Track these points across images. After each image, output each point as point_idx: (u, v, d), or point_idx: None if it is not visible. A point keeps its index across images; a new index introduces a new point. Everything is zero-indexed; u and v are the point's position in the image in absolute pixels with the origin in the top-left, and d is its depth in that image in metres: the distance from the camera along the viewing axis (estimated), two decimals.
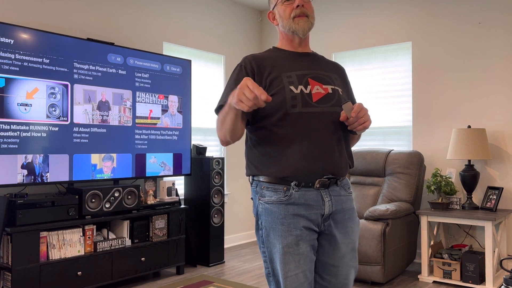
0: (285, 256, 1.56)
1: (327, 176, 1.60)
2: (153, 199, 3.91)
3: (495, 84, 4.00)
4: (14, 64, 3.10)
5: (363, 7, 4.80)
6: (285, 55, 1.72)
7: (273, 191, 1.61)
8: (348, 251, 1.67)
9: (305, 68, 1.68)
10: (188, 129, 4.24)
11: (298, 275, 1.56)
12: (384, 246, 3.53)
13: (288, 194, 1.59)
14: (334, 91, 1.67)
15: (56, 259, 3.16)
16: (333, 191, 1.64)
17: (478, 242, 4.01)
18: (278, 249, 1.58)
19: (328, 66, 1.78)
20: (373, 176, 4.28)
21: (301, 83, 1.63)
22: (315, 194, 1.60)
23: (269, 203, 1.61)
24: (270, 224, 1.60)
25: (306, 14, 1.69)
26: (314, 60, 1.76)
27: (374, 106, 4.72)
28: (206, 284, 3.69)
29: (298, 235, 1.57)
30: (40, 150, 3.22)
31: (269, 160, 1.61)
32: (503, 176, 3.94)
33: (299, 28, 1.69)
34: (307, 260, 1.58)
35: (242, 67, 1.67)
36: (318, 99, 1.62)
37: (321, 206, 1.60)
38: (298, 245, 1.57)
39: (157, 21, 4.43)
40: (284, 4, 1.70)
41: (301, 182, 1.59)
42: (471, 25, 4.13)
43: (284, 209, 1.58)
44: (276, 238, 1.58)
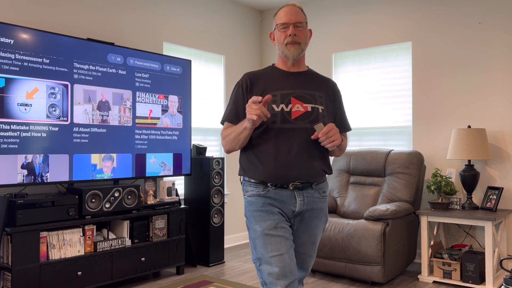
0: (265, 238, 1.83)
1: (300, 181, 1.88)
2: (153, 199, 3.91)
3: (495, 84, 4.00)
4: (14, 64, 3.10)
5: (363, 7, 4.80)
6: (278, 74, 1.99)
7: (255, 187, 1.92)
8: (309, 242, 1.97)
9: (292, 88, 1.94)
10: (188, 129, 4.24)
11: (283, 256, 1.80)
12: (384, 246, 3.53)
13: (266, 190, 1.89)
14: (314, 109, 1.92)
15: (56, 259, 3.16)
16: (307, 193, 1.92)
17: (478, 242, 4.01)
18: (259, 232, 1.85)
19: (316, 84, 2.01)
20: (373, 176, 4.28)
21: (283, 102, 1.90)
22: (289, 193, 1.88)
23: (250, 196, 1.93)
24: (251, 213, 1.91)
25: (298, 41, 1.95)
26: (304, 79, 2.00)
27: (374, 106, 4.72)
28: (206, 284, 3.69)
29: (276, 219, 1.85)
30: (40, 150, 3.22)
31: (251, 165, 1.92)
32: (503, 176, 3.94)
33: (289, 54, 1.96)
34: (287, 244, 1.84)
35: (239, 85, 1.98)
36: (296, 116, 1.89)
37: (293, 204, 1.89)
38: (277, 228, 1.84)
39: (157, 21, 4.43)
40: (280, 31, 1.96)
41: (277, 184, 1.88)
42: (471, 25, 4.13)
43: (262, 200, 1.89)
44: (257, 223, 1.87)
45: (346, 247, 3.64)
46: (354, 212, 4.16)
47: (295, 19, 1.95)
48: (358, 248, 3.58)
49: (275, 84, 1.94)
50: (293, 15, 1.96)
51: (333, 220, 3.84)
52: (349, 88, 4.91)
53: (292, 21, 1.95)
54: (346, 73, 4.94)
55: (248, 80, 1.96)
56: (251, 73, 2.00)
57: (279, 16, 1.98)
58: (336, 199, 4.36)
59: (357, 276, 3.65)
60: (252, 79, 1.96)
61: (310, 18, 5.23)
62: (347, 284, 3.73)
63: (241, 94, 1.96)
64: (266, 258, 1.81)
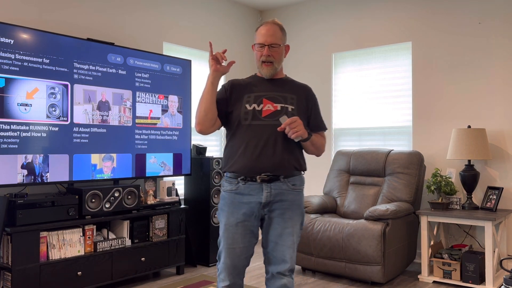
0: (225, 232, 2.10)
1: (266, 174, 2.07)
2: (153, 199, 3.91)
3: (495, 84, 4.00)
4: (14, 64, 3.10)
5: (363, 7, 4.80)
6: (257, 81, 2.22)
7: (229, 183, 2.14)
8: (286, 233, 2.10)
9: (265, 91, 2.17)
10: (188, 129, 4.24)
11: (235, 250, 2.09)
12: (384, 246, 3.53)
13: (237, 186, 2.10)
14: (283, 108, 2.13)
15: (56, 259, 3.16)
16: (275, 185, 2.09)
17: (478, 242, 4.01)
18: (222, 226, 2.13)
19: (290, 88, 2.22)
20: (373, 176, 4.28)
21: (256, 102, 2.13)
22: (257, 186, 2.08)
23: (225, 191, 2.16)
24: (222, 206, 2.16)
25: (271, 61, 2.15)
26: (280, 84, 2.21)
27: (374, 106, 4.72)
28: (206, 284, 3.69)
29: (238, 218, 2.09)
30: (40, 150, 3.22)
31: (228, 159, 2.15)
32: (503, 176, 3.94)
33: (264, 73, 2.19)
34: (244, 239, 2.09)
35: (223, 86, 2.24)
36: (266, 114, 2.11)
37: (260, 196, 2.08)
38: (237, 226, 2.09)
39: (157, 21, 4.43)
40: (257, 49, 2.18)
41: (246, 177, 2.09)
42: (471, 25, 4.13)
43: (232, 197, 2.11)
44: (223, 217, 2.13)
45: (346, 247, 3.64)
46: (354, 212, 4.16)
47: (270, 41, 2.13)
48: (358, 248, 3.58)
49: (252, 88, 2.18)
50: (270, 36, 2.13)
51: (333, 220, 3.84)
52: (349, 88, 4.91)
53: (268, 42, 2.13)
54: (346, 73, 4.94)
55: (230, 84, 2.22)
56: (235, 80, 2.25)
57: (259, 35, 2.17)
58: (336, 199, 4.36)
59: (357, 276, 3.65)
60: (233, 84, 2.22)
61: (310, 18, 5.23)
62: (347, 284, 3.73)
63: (222, 92, 2.20)
64: (224, 248, 2.12)
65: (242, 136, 2.10)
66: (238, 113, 2.12)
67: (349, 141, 4.90)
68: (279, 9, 5.51)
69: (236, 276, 2.12)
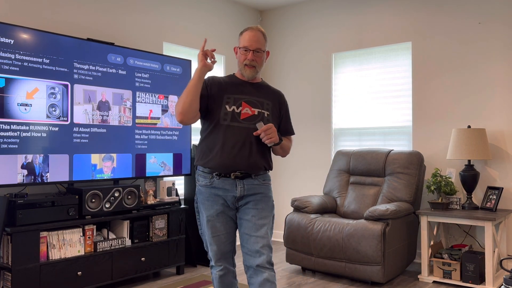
0: (208, 223, 2.28)
1: (240, 172, 2.23)
2: (153, 199, 3.91)
3: (495, 84, 4.00)
4: (14, 64, 3.10)
5: (363, 7, 4.80)
6: (235, 82, 2.36)
7: (204, 177, 2.29)
8: (259, 224, 2.25)
9: (244, 94, 2.31)
10: (188, 129, 4.24)
11: (220, 236, 2.28)
12: (384, 246, 3.53)
13: (212, 181, 2.26)
14: (260, 113, 2.29)
15: (56, 259, 3.16)
16: (247, 181, 2.26)
17: (478, 242, 4.01)
18: (205, 217, 2.29)
19: (266, 94, 2.38)
20: (373, 176, 4.28)
21: (235, 104, 2.27)
22: (231, 182, 2.25)
23: (201, 186, 2.31)
24: (201, 200, 2.31)
25: (254, 65, 2.31)
26: (257, 88, 2.36)
27: (374, 106, 4.72)
28: (206, 284, 3.69)
29: (218, 209, 2.27)
30: (40, 150, 3.22)
31: (203, 155, 2.28)
32: (503, 176, 3.94)
33: (246, 75, 2.33)
34: (226, 226, 2.29)
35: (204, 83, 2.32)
36: (245, 117, 2.26)
37: (234, 190, 2.25)
38: (218, 216, 2.27)
39: (157, 21, 4.43)
40: (241, 52, 2.31)
41: (221, 173, 2.24)
42: (471, 25, 4.13)
43: (209, 191, 2.28)
44: (204, 210, 2.29)
45: (346, 247, 3.64)
46: (354, 212, 4.16)
47: (255, 46, 2.28)
48: (358, 248, 3.58)
49: (231, 89, 2.31)
50: (255, 42, 2.28)
51: (333, 220, 3.84)
52: (349, 88, 4.91)
53: (253, 47, 2.28)
54: (346, 73, 4.94)
55: (210, 81, 2.33)
56: (214, 77, 2.37)
57: (243, 39, 2.30)
58: (336, 199, 4.36)
59: (357, 276, 3.66)
60: (212, 82, 2.33)
61: (310, 18, 5.23)
62: (347, 284, 3.73)
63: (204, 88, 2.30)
64: (209, 238, 2.29)
65: (219, 135, 2.23)
66: (217, 112, 2.25)
67: (349, 141, 4.90)
68: (279, 9, 5.51)
69: (225, 261, 2.31)
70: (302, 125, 5.25)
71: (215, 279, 2.33)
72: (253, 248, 2.23)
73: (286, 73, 5.42)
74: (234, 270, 2.36)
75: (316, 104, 5.15)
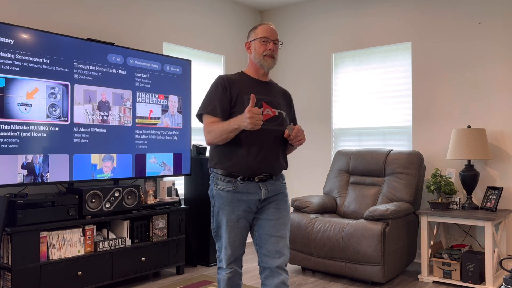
0: (227, 228, 2.23)
1: (264, 174, 2.22)
2: (153, 199, 3.91)
3: (495, 84, 4.00)
4: (14, 64, 3.10)
5: (363, 7, 4.80)
6: (250, 81, 2.30)
7: (225, 182, 2.22)
8: (280, 223, 2.25)
9: (262, 94, 2.26)
10: (188, 129, 4.24)
11: (236, 241, 2.24)
12: (384, 246, 3.53)
13: (236, 185, 2.20)
14: (280, 114, 2.27)
15: (56, 259, 3.16)
16: (269, 183, 2.25)
17: (478, 242, 4.01)
18: (224, 223, 2.23)
19: (278, 93, 2.37)
20: (373, 176, 4.28)
21: (256, 105, 2.20)
22: (255, 185, 2.21)
23: (221, 190, 2.23)
24: (220, 205, 2.24)
25: (274, 56, 2.28)
26: (270, 88, 2.34)
27: (374, 106, 4.72)
28: (206, 284, 3.69)
29: (239, 215, 2.22)
30: (40, 150, 3.22)
31: (225, 158, 2.21)
32: (503, 176, 3.94)
33: (266, 65, 2.28)
34: (243, 232, 2.26)
35: (218, 84, 2.24)
36: (267, 119, 2.22)
37: (259, 193, 2.22)
38: (238, 222, 2.22)
39: (157, 21, 4.43)
40: (261, 43, 2.27)
41: (245, 177, 2.20)
42: (471, 25, 4.13)
43: (231, 195, 2.21)
44: (224, 215, 2.23)
45: (346, 247, 3.64)
46: (354, 212, 4.16)
47: (275, 37, 2.30)
48: (358, 248, 3.58)
49: (249, 89, 2.25)
50: (274, 33, 2.30)
51: (333, 220, 3.84)
52: (349, 88, 4.91)
53: (273, 38, 2.29)
54: (346, 73, 4.94)
55: (226, 81, 2.24)
56: (227, 76, 2.28)
57: (261, 30, 2.28)
58: (336, 199, 4.36)
59: (357, 276, 3.66)
60: (229, 81, 2.24)
61: (310, 18, 5.23)
62: (347, 284, 3.73)
63: (221, 91, 2.21)
64: (225, 242, 2.24)
65: (243, 138, 2.17)
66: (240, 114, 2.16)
67: (349, 141, 4.90)
68: (279, 9, 5.51)
69: (236, 263, 2.30)
70: (302, 125, 5.25)
71: (223, 280, 2.29)
72: (273, 249, 2.21)
73: (286, 73, 5.42)
74: (241, 272, 2.35)
75: (316, 104, 5.15)
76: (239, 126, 2.07)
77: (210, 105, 2.21)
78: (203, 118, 2.26)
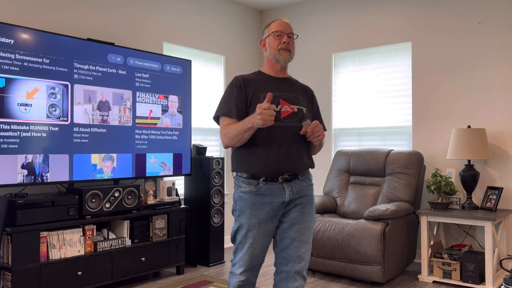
0: (247, 232, 2.11)
1: (288, 174, 2.12)
2: (153, 199, 3.91)
3: (495, 84, 4.00)
4: (14, 64, 3.10)
5: (363, 7, 4.80)
6: (266, 79, 2.23)
7: (247, 184, 2.13)
8: (304, 227, 2.16)
9: (279, 91, 2.19)
10: (188, 129, 4.24)
11: (256, 249, 2.11)
12: (384, 246, 3.53)
13: (258, 187, 2.11)
14: (299, 110, 2.18)
15: (56, 259, 3.16)
16: (295, 183, 2.14)
17: (478, 242, 4.01)
18: (245, 227, 2.12)
19: (298, 89, 2.29)
20: (373, 176, 4.28)
21: (273, 103, 2.12)
22: (278, 186, 2.11)
23: (243, 193, 2.14)
24: (242, 208, 2.14)
25: (289, 49, 2.22)
26: (289, 84, 2.27)
27: (374, 106, 4.72)
28: (206, 284, 3.69)
29: (261, 219, 2.11)
30: (40, 150, 3.22)
31: (245, 159, 2.14)
32: (503, 176, 3.94)
33: (281, 59, 2.22)
34: (265, 240, 2.13)
35: (233, 85, 2.19)
36: (285, 115, 2.14)
37: (283, 195, 2.12)
38: (260, 227, 2.11)
39: (157, 21, 4.43)
40: (275, 37, 2.22)
41: (267, 178, 2.10)
42: (471, 25, 4.13)
43: (253, 198, 2.11)
44: (244, 219, 2.12)
45: (346, 247, 3.64)
46: (354, 212, 4.16)
47: (289, 30, 2.25)
48: (358, 248, 3.58)
49: (265, 87, 2.19)
50: (287, 27, 2.25)
51: (333, 220, 3.84)
52: (349, 88, 4.91)
53: (287, 31, 2.23)
54: (346, 73, 4.94)
55: (241, 81, 2.19)
56: (242, 76, 2.22)
57: (274, 25, 2.24)
58: (336, 199, 4.36)
59: (357, 276, 3.66)
60: (244, 81, 2.19)
61: (310, 18, 5.23)
62: (347, 284, 3.73)
63: (237, 92, 2.16)
64: (243, 247, 2.13)
65: (262, 137, 2.10)
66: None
67: (349, 141, 4.90)
68: (279, 9, 5.51)
69: (252, 273, 2.16)
70: None
71: (232, 285, 2.17)
72: (295, 253, 2.14)
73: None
74: (255, 282, 2.21)
75: None
76: (252, 125, 2.01)
77: (225, 106, 2.16)
78: (219, 120, 2.19)
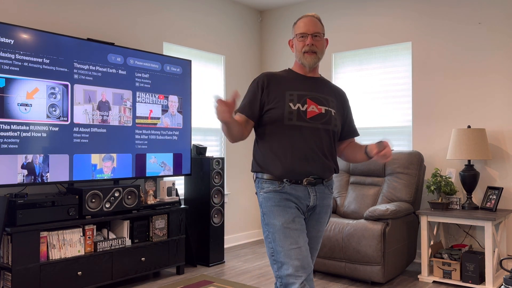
0: (284, 231, 1.91)
1: (313, 176, 2.00)
2: (153, 199, 3.91)
3: (495, 84, 4.00)
4: (14, 64, 3.10)
5: (363, 7, 4.80)
6: (295, 77, 2.11)
7: (270, 184, 2.00)
8: (316, 236, 2.09)
9: (307, 90, 2.07)
10: (188, 129, 4.24)
11: (302, 248, 1.89)
12: (384, 246, 3.53)
13: (282, 186, 1.98)
14: (327, 111, 2.06)
15: (56, 259, 3.16)
16: (319, 188, 2.04)
17: (478, 242, 4.01)
18: (278, 226, 1.93)
19: (329, 90, 2.15)
20: (373, 176, 4.28)
21: (300, 102, 2.02)
22: (303, 189, 1.99)
23: (267, 192, 2.00)
24: (269, 208, 1.98)
25: (315, 51, 2.07)
26: (318, 84, 2.13)
27: (374, 106, 4.72)
28: (206, 284, 3.69)
29: (293, 213, 1.95)
30: (40, 150, 3.22)
31: (268, 160, 2.01)
32: (503, 176, 3.94)
33: (306, 63, 2.08)
34: (304, 237, 1.94)
35: (256, 82, 2.07)
36: (311, 116, 2.02)
37: (307, 199, 2.00)
38: (295, 221, 1.94)
39: (157, 21, 4.43)
40: (299, 40, 2.09)
41: (292, 180, 1.98)
42: (471, 25, 4.13)
43: (279, 195, 1.97)
44: (276, 218, 1.95)
45: (346, 247, 3.64)
46: (354, 212, 4.16)
47: (313, 30, 2.07)
48: (358, 248, 3.58)
49: (292, 85, 2.07)
50: (312, 26, 2.08)
51: (333, 220, 3.84)
52: (349, 88, 4.91)
53: (311, 31, 2.07)
54: (346, 73, 4.95)
55: (265, 78, 2.07)
56: (269, 73, 2.11)
57: (298, 26, 2.10)
58: (336, 199, 4.36)
59: (357, 276, 3.66)
60: (269, 78, 2.07)
61: None
62: (347, 284, 3.73)
63: (255, 89, 2.05)
64: (286, 251, 1.89)
65: (286, 137, 1.99)
66: (281, 112, 1.99)
67: None
68: (279, 9, 5.51)
69: (308, 282, 1.86)
70: None
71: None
72: None
73: None
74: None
75: None
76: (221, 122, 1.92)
77: (243, 101, 2.08)
78: None
